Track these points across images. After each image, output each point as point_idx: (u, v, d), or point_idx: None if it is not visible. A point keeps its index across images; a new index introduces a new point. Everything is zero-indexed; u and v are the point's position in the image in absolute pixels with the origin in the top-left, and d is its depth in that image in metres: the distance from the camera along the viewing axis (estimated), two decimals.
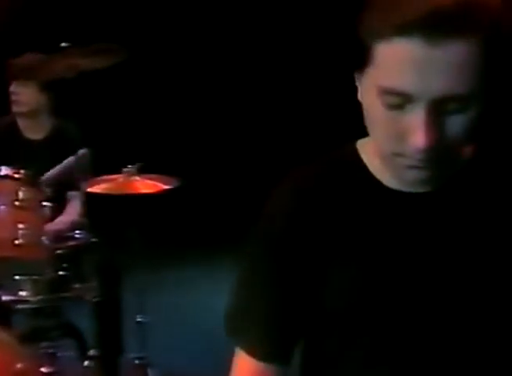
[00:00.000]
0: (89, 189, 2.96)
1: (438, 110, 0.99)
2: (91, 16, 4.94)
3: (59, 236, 2.95)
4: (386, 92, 1.00)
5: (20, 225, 2.48)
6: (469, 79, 0.98)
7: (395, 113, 1.01)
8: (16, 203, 2.50)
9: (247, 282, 1.24)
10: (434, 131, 0.99)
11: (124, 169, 2.94)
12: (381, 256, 1.14)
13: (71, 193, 3.34)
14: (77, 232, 3.03)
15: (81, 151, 3.20)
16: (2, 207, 2.50)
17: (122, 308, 3.20)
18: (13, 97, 3.45)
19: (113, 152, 3.23)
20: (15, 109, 3.47)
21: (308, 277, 1.17)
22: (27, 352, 2.74)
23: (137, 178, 2.95)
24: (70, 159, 3.14)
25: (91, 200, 3.10)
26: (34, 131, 3.53)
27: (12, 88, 3.43)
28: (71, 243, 2.95)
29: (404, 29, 0.96)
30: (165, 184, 2.95)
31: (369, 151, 1.18)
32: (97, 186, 2.96)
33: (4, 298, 2.84)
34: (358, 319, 1.16)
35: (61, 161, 3.25)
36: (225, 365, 1.27)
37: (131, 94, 5.02)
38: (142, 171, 2.96)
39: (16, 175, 2.55)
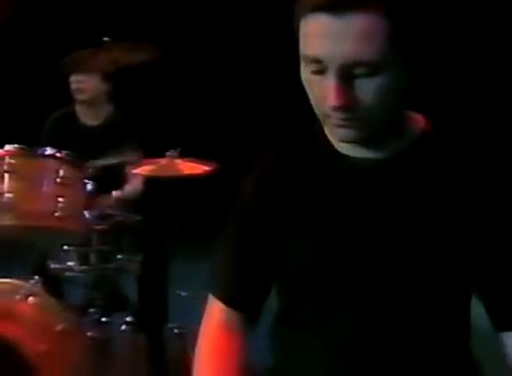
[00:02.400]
0: (135, 171, 3.20)
1: (348, 74, 1.14)
2: (118, 14, 5.14)
3: (106, 214, 3.21)
4: (307, 59, 1.17)
5: (60, 199, 2.73)
6: (373, 48, 1.12)
7: (318, 79, 1.17)
8: (58, 180, 2.73)
9: (223, 245, 1.42)
10: (344, 92, 1.14)
11: (167, 153, 3.14)
12: (334, 219, 1.28)
13: (130, 174, 3.55)
14: (122, 211, 3.29)
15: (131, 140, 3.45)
16: (45, 182, 2.76)
17: (165, 281, 3.43)
18: (75, 85, 3.69)
19: (156, 138, 3.43)
20: (76, 96, 3.72)
21: (271, 239, 1.33)
22: (70, 316, 3.02)
23: (179, 161, 3.14)
24: (122, 147, 3.40)
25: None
26: (91, 118, 3.78)
27: (74, 77, 3.68)
28: (116, 219, 3.18)
29: (315, 6, 1.13)
30: (206, 166, 3.10)
31: None
32: (142, 168, 3.19)
33: (53, 266, 3.14)
34: (312, 279, 1.30)
35: (114, 146, 3.47)
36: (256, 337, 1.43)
37: (170, 87, 5.20)
38: (183, 155, 3.15)
39: (58, 155, 2.79)
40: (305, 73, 1.21)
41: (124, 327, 3.27)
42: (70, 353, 2.86)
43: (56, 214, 2.70)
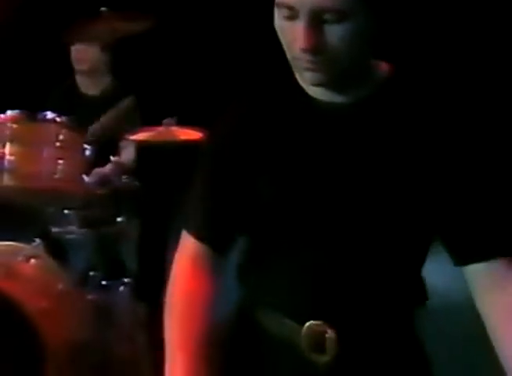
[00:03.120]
0: (133, 137, 3.27)
1: (318, 20, 1.20)
2: None
3: (105, 179, 3.28)
4: (280, 5, 1.24)
5: (60, 162, 2.81)
6: None
7: (290, 24, 1.23)
8: (57, 143, 2.81)
9: (195, 184, 1.47)
10: (313, 35, 1.20)
11: (164, 121, 3.20)
12: (301, 158, 1.34)
13: (124, 143, 3.64)
14: (123, 177, 3.36)
15: (127, 100, 3.51)
16: (45, 146, 2.83)
17: (164, 247, 3.50)
18: (75, 55, 3.75)
19: (154, 107, 3.49)
20: (76, 66, 3.78)
21: (241, 177, 1.39)
22: (70, 277, 3.11)
23: (175, 128, 3.21)
24: (117, 108, 3.46)
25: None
26: (91, 87, 3.84)
27: (75, 47, 3.73)
28: (116, 185, 3.27)
29: None
30: (202, 133, 3.16)
31: None
32: (139, 135, 3.26)
33: (54, 230, 3.22)
34: (280, 216, 1.36)
35: None
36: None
37: (167, 57, 5.20)
38: (180, 124, 3.22)
39: (58, 119, 2.86)
40: (278, 19, 1.26)
41: (123, 290, 3.36)
42: (70, 312, 2.95)
43: (56, 176, 2.78)
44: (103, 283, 3.34)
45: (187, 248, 1.45)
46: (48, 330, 2.70)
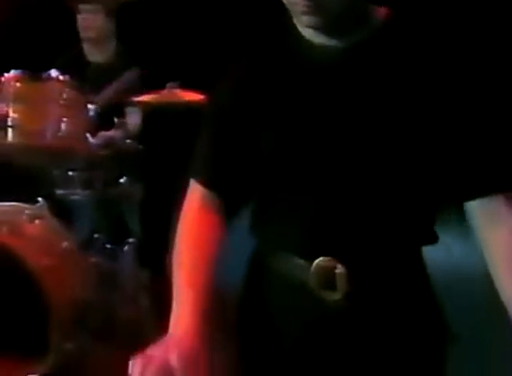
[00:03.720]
0: (137, 99, 3.27)
1: None
2: None
3: (110, 142, 3.29)
4: None
5: (64, 120, 2.82)
6: None
7: None
8: (61, 101, 2.82)
9: (201, 136, 1.47)
10: None
11: (168, 84, 3.19)
12: (302, 103, 1.34)
13: (129, 109, 3.65)
14: (128, 140, 3.36)
15: (132, 72, 3.52)
16: (49, 104, 2.84)
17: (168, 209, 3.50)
18: (83, 23, 3.73)
19: (158, 74, 3.49)
20: (83, 34, 3.76)
21: (246, 126, 1.39)
22: (74, 237, 3.12)
23: (179, 91, 3.21)
24: (123, 78, 3.47)
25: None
26: (98, 55, 3.81)
27: (82, 15, 3.71)
28: (119, 146, 3.27)
29: None
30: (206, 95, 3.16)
31: None
32: (143, 97, 3.26)
33: (59, 191, 3.23)
34: (286, 159, 1.36)
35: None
36: None
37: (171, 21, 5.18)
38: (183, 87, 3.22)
39: (61, 78, 2.87)
40: None
41: (127, 253, 3.38)
42: (74, 271, 2.96)
43: (60, 133, 2.79)
44: (107, 246, 3.38)
45: (195, 196, 1.45)
46: (51, 287, 2.70)
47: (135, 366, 1.13)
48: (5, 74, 2.88)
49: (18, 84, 2.83)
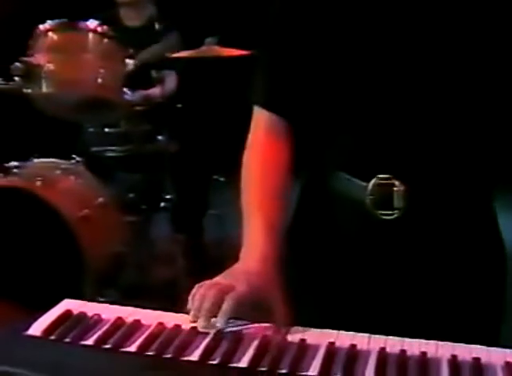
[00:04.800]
0: (176, 55, 3.21)
1: None
2: None
3: (148, 98, 3.24)
4: None
5: (101, 70, 2.77)
6: None
7: None
8: (98, 52, 2.75)
9: (260, 60, 1.42)
10: None
11: (206, 39, 3.14)
12: (362, 16, 1.26)
13: (166, 72, 3.58)
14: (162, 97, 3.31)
15: (170, 35, 3.46)
16: (86, 54, 2.79)
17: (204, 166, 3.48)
18: None
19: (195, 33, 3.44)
20: None
21: (305, 42, 1.32)
22: (109, 193, 3.08)
23: (217, 47, 3.15)
24: (162, 42, 3.42)
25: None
26: (134, 19, 3.75)
27: None
28: (157, 102, 3.23)
29: None
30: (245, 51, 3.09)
31: None
32: (182, 53, 3.20)
33: (94, 148, 3.19)
34: (347, 75, 1.29)
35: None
36: None
37: None
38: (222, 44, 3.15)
39: (99, 29, 2.82)
40: None
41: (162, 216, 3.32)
42: (108, 225, 2.93)
43: (98, 81, 2.73)
44: (142, 207, 3.34)
45: (259, 121, 1.42)
46: (86, 238, 2.67)
47: (199, 287, 1.10)
48: (41, 25, 2.83)
49: (54, 35, 2.78)
